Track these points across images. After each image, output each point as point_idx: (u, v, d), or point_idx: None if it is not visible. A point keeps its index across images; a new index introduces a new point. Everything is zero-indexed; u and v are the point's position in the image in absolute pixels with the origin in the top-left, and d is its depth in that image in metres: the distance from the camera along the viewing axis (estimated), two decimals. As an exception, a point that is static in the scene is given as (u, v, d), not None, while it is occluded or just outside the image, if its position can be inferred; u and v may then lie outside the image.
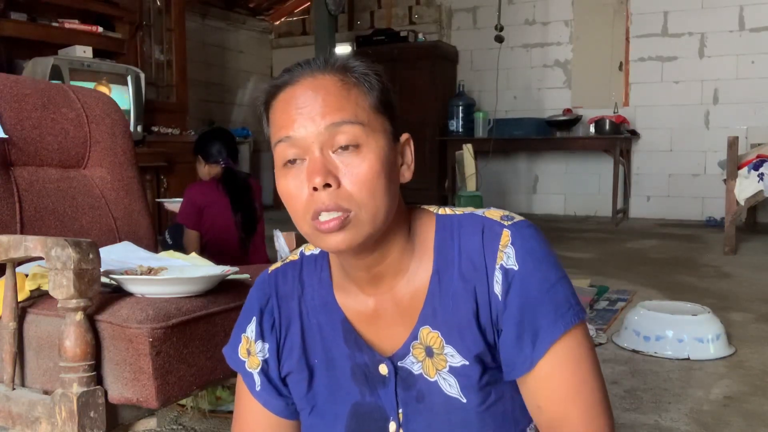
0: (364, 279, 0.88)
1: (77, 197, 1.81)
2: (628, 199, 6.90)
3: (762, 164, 4.68)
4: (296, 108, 0.80)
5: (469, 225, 0.86)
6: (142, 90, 4.58)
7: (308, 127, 0.79)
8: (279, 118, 0.82)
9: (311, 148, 0.79)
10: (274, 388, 0.94)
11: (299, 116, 0.80)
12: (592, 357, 0.83)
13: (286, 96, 0.82)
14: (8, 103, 1.70)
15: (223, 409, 2.00)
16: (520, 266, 0.81)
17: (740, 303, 3.33)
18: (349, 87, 0.81)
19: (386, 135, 0.83)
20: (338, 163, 0.79)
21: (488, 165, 6.70)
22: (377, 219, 0.80)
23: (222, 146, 3.00)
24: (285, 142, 0.81)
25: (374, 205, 0.79)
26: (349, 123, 0.79)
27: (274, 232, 1.97)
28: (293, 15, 8.84)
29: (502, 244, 0.83)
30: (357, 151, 0.79)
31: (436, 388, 0.86)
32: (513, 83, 7.29)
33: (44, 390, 1.29)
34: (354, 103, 0.81)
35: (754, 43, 6.33)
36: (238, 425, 0.98)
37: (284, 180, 0.83)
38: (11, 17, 4.06)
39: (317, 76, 0.82)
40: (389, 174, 0.82)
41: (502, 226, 0.84)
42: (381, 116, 0.83)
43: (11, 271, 1.30)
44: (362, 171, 0.79)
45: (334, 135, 0.79)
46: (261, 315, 0.94)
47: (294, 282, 0.94)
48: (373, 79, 0.83)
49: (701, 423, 1.93)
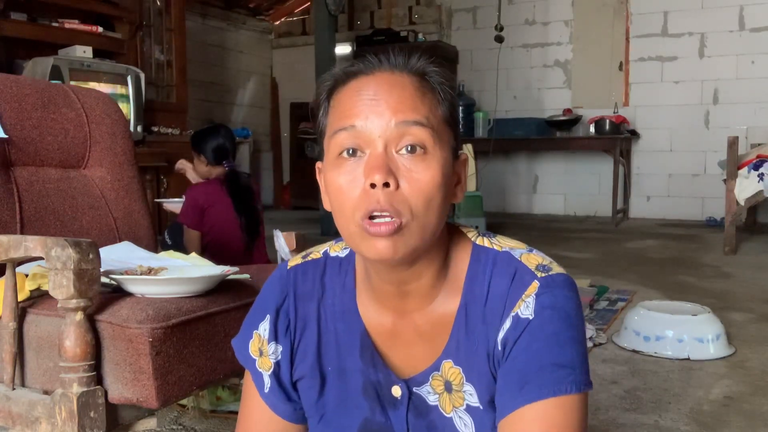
0: (391, 294, 0.84)
1: (77, 197, 1.81)
2: (628, 199, 6.90)
3: (762, 164, 4.68)
4: (368, 98, 0.76)
5: (503, 266, 0.81)
6: (142, 90, 4.58)
7: (377, 120, 0.75)
8: (345, 106, 0.77)
9: (375, 142, 0.75)
10: (284, 392, 0.91)
11: (369, 107, 0.75)
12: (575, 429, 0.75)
13: (359, 85, 0.78)
14: (8, 103, 1.70)
15: (223, 409, 2.00)
16: (536, 317, 0.77)
17: (740, 303, 3.33)
18: (425, 92, 0.78)
19: (450, 149, 0.79)
20: (400, 165, 0.75)
21: (488, 165, 6.69)
22: (426, 233, 0.76)
23: (225, 146, 2.98)
24: (348, 131, 0.76)
25: (427, 217, 0.75)
26: (420, 125, 0.75)
27: (274, 232, 1.97)
28: (293, 15, 8.84)
29: (527, 294, 0.78)
30: (423, 155, 0.75)
31: (451, 424, 0.84)
32: (513, 83, 7.29)
33: (44, 390, 1.29)
34: (428, 107, 0.77)
35: (754, 43, 6.33)
36: (244, 426, 0.95)
37: (336, 172, 0.77)
38: (11, 17, 4.06)
39: (395, 72, 0.79)
40: (446, 189, 0.78)
41: (534, 276, 0.79)
42: (448, 129, 0.79)
43: (11, 271, 1.30)
44: (424, 178, 0.75)
45: (403, 134, 0.75)
46: (276, 315, 0.90)
47: (315, 283, 0.90)
48: (447, 88, 0.80)
49: (701, 423, 1.93)
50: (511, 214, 7.31)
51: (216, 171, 2.96)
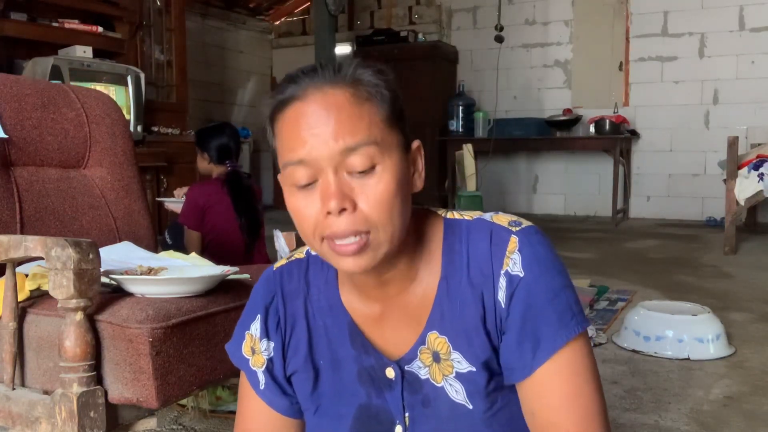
0: (372, 285, 0.86)
1: (77, 197, 1.81)
2: (628, 199, 6.90)
3: (762, 164, 4.68)
4: (307, 129, 0.76)
5: (477, 230, 0.85)
6: (142, 90, 4.57)
7: (321, 149, 0.75)
8: (288, 138, 0.78)
9: (325, 171, 0.76)
10: (279, 387, 0.93)
11: (311, 138, 0.76)
12: (591, 367, 0.83)
13: (295, 113, 0.78)
14: (8, 103, 1.70)
15: (223, 409, 2.00)
16: (526, 273, 0.80)
17: (740, 303, 3.33)
18: (361, 102, 0.77)
19: (399, 149, 0.80)
20: (354, 185, 0.76)
21: (488, 165, 6.70)
22: (394, 238, 0.79)
23: (229, 145, 2.97)
24: (295, 165, 0.77)
25: (392, 225, 0.77)
26: (364, 145, 0.76)
27: (274, 232, 1.97)
28: (293, 15, 8.84)
29: (509, 250, 0.82)
30: (372, 172, 0.77)
31: (443, 393, 0.86)
32: (513, 83, 7.29)
33: (44, 390, 1.29)
34: (367, 121, 0.77)
35: (754, 43, 6.33)
36: (242, 424, 0.97)
37: (294, 199, 0.79)
38: (11, 17, 4.06)
39: (327, 90, 0.77)
40: (404, 190, 0.80)
41: (509, 232, 0.83)
42: (394, 129, 0.80)
43: (11, 271, 1.30)
44: (378, 191, 0.76)
45: (348, 157, 0.76)
46: (266, 313, 0.93)
47: (300, 281, 0.93)
48: (384, 89, 0.79)
49: (701, 423, 1.93)
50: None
51: (218, 170, 2.96)
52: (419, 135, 4.52)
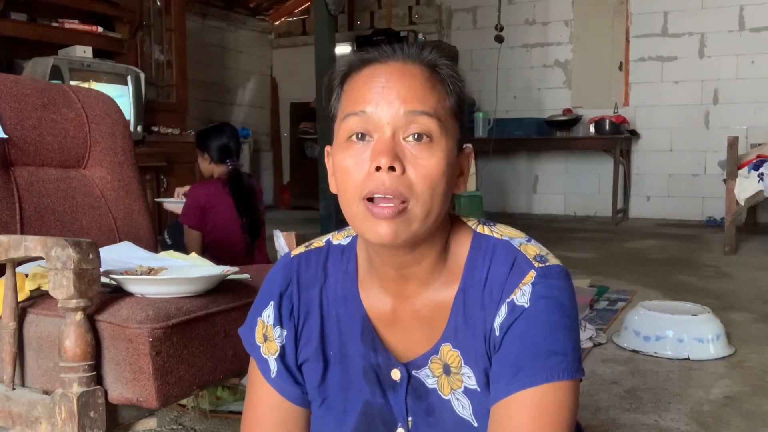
0: (392, 278, 0.86)
1: (77, 197, 1.81)
2: (628, 199, 6.90)
3: (762, 164, 4.68)
4: (380, 86, 0.79)
5: (502, 254, 0.84)
6: (142, 90, 4.57)
7: (387, 107, 0.78)
8: (357, 91, 0.80)
9: (384, 128, 0.78)
10: (291, 375, 0.92)
11: (380, 94, 0.78)
12: (565, 419, 0.77)
13: (372, 72, 0.81)
14: (8, 103, 1.70)
15: (223, 409, 2.00)
16: (531, 305, 0.79)
17: (740, 303, 3.33)
18: (435, 83, 0.81)
19: (455, 140, 0.82)
20: (407, 151, 0.78)
21: (488, 165, 6.70)
22: (429, 218, 0.79)
23: (229, 145, 2.98)
24: (358, 116, 0.79)
25: (431, 202, 0.78)
26: (428, 115, 0.78)
27: (274, 232, 1.97)
28: (293, 15, 8.84)
29: (523, 282, 0.81)
30: (429, 143, 0.78)
31: (449, 406, 0.85)
32: (513, 83, 7.29)
33: (44, 390, 1.29)
34: (436, 99, 0.80)
35: (754, 43, 6.33)
36: (252, 412, 0.95)
37: (344, 155, 0.79)
38: (11, 17, 4.05)
39: (408, 62, 0.81)
40: (450, 178, 0.81)
41: (531, 266, 0.82)
42: (455, 121, 0.82)
43: (11, 271, 1.30)
44: (429, 165, 0.78)
45: (411, 122, 0.78)
46: (280, 300, 0.92)
47: (317, 270, 0.92)
48: (456, 83, 0.83)
49: (701, 423, 1.93)
50: (511, 214, 7.31)
51: (219, 170, 2.97)
52: (419, 135, 4.39)
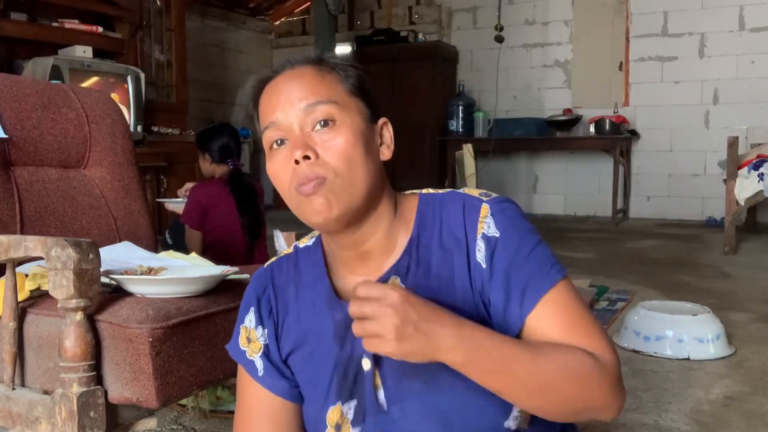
0: (353, 258, 0.93)
1: (77, 197, 1.81)
2: (628, 199, 6.90)
3: (762, 164, 4.68)
4: (277, 95, 0.89)
5: (450, 200, 0.92)
6: (142, 90, 4.57)
7: (288, 110, 0.88)
8: (264, 107, 0.91)
9: (292, 128, 0.87)
10: (277, 370, 0.96)
11: (279, 102, 0.88)
12: (579, 301, 0.88)
13: (270, 88, 0.91)
14: (8, 103, 1.70)
15: (223, 409, 2.00)
16: (501, 233, 0.88)
17: (740, 303, 3.33)
18: (324, 74, 0.90)
19: (361, 115, 0.90)
20: (317, 139, 0.86)
21: (488, 165, 6.70)
22: (355, 188, 0.86)
23: (229, 145, 2.98)
24: (270, 127, 0.89)
25: (351, 173, 0.86)
26: (323, 103, 0.87)
27: (274, 232, 1.97)
28: (293, 15, 8.83)
29: (482, 216, 0.89)
30: (333, 126, 0.87)
31: None
32: (513, 83, 7.29)
33: (44, 390, 1.29)
34: (328, 87, 0.89)
35: (754, 43, 6.33)
36: (243, 414, 0.98)
37: (270, 162, 0.90)
38: (11, 17, 4.06)
39: (296, 67, 0.91)
40: (366, 148, 0.88)
41: (480, 201, 0.91)
42: (356, 99, 0.90)
43: (11, 271, 1.30)
44: (338, 143, 0.86)
45: (310, 114, 0.87)
46: (258, 303, 0.99)
47: (290, 271, 0.99)
48: (349, 68, 0.92)
49: (701, 423, 1.93)
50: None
51: (220, 170, 2.97)
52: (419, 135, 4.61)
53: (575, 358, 0.82)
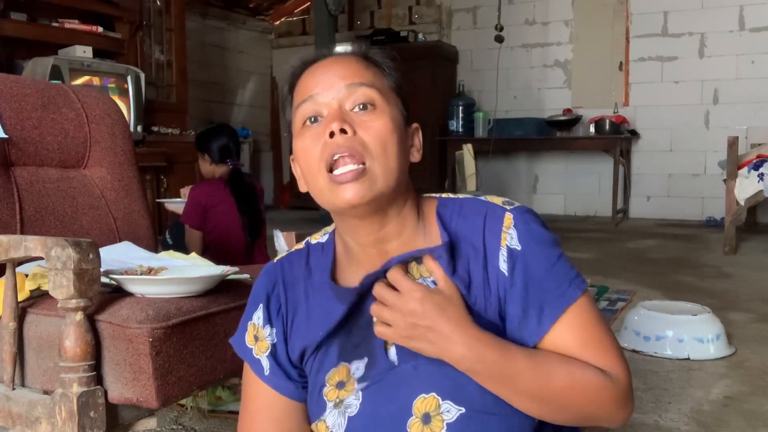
0: (374, 258, 0.90)
1: (77, 197, 1.81)
2: (628, 199, 6.90)
3: (762, 164, 4.68)
4: (320, 74, 0.88)
5: (472, 207, 0.91)
6: (142, 90, 4.57)
7: (329, 87, 0.86)
8: (303, 86, 0.89)
9: (331, 103, 0.86)
10: (283, 371, 0.95)
11: (322, 79, 0.87)
12: (595, 316, 0.88)
13: (312, 69, 0.90)
14: (8, 103, 1.70)
15: (223, 409, 2.00)
16: (523, 246, 0.86)
17: (740, 303, 3.33)
18: (369, 65, 0.90)
19: (399, 112, 0.89)
20: (355, 118, 0.85)
21: (488, 165, 6.69)
22: (389, 176, 0.85)
23: (229, 145, 2.99)
24: (307, 101, 0.87)
25: (387, 160, 0.84)
26: (366, 86, 0.87)
27: (274, 232, 1.97)
28: (293, 15, 8.83)
29: (506, 226, 0.87)
30: (373, 110, 0.86)
31: None
32: (513, 83, 7.29)
33: (44, 390, 1.29)
34: (372, 74, 0.89)
35: (754, 43, 6.33)
36: (248, 412, 0.98)
37: (301, 138, 0.87)
38: (11, 17, 4.06)
39: (341, 56, 0.91)
40: (401, 139, 0.88)
41: (504, 209, 0.89)
42: (395, 96, 0.90)
43: (11, 271, 1.30)
44: (377, 125, 0.85)
45: (352, 94, 0.86)
46: (267, 300, 0.96)
47: (300, 267, 0.97)
48: (390, 65, 0.92)
49: (701, 423, 1.93)
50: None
51: (220, 170, 2.98)
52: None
53: (584, 375, 0.83)
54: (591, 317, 0.87)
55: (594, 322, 0.87)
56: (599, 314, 0.89)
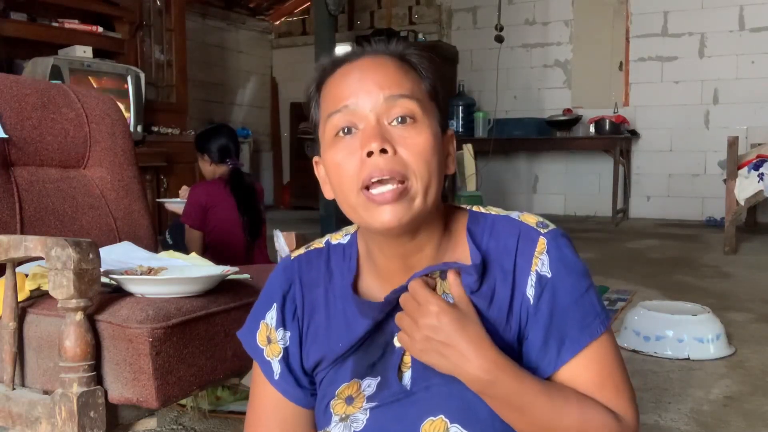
0: (396, 270, 0.86)
1: (77, 197, 1.81)
2: (628, 199, 6.90)
3: (762, 164, 4.68)
4: (356, 79, 0.81)
5: (505, 226, 0.87)
6: (142, 90, 4.58)
7: (366, 96, 0.80)
8: (335, 90, 0.83)
9: (368, 117, 0.80)
10: (294, 377, 0.92)
11: (358, 87, 0.81)
12: (615, 356, 0.85)
13: (344, 71, 0.83)
14: (8, 103, 1.70)
15: (223, 409, 2.00)
16: (554, 274, 0.83)
17: (740, 303, 3.33)
18: (407, 69, 0.83)
19: (437, 121, 0.84)
20: (394, 134, 0.79)
21: (488, 165, 6.70)
22: (429, 195, 0.80)
23: (228, 145, 2.99)
24: (341, 111, 0.81)
25: (428, 178, 0.80)
26: (407, 97, 0.80)
27: (274, 232, 1.97)
28: (293, 15, 8.84)
29: (538, 250, 0.84)
30: (413, 124, 0.80)
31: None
32: (513, 83, 7.29)
33: (44, 390, 1.29)
34: (411, 82, 0.82)
35: (754, 43, 6.33)
36: (255, 414, 0.95)
37: (333, 151, 0.81)
38: (11, 17, 4.06)
39: (377, 56, 0.84)
40: (440, 154, 0.83)
41: (538, 232, 0.85)
42: (433, 104, 0.84)
43: (11, 271, 1.30)
44: (419, 141, 0.79)
45: (392, 107, 0.80)
46: (283, 301, 0.92)
47: (320, 269, 0.92)
48: (427, 67, 0.85)
49: (701, 423, 1.93)
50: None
51: (220, 170, 2.98)
52: (419, 135, 4.35)
53: (595, 416, 0.81)
54: (610, 355, 0.85)
55: (612, 361, 0.85)
56: (618, 354, 0.86)
